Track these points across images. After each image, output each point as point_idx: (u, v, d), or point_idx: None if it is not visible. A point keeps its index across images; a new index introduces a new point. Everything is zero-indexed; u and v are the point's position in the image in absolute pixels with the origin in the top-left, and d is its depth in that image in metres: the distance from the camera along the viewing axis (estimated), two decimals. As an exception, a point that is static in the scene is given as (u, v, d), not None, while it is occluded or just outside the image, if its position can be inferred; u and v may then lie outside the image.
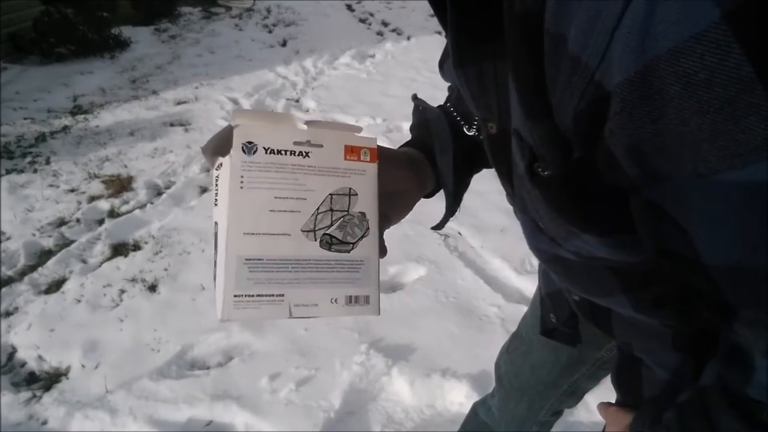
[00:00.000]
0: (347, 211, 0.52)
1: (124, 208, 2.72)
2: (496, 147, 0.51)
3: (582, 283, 0.57)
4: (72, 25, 4.90)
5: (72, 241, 2.47)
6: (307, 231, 0.50)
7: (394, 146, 0.65)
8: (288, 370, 1.73)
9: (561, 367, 0.86)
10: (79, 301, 2.11)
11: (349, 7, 6.51)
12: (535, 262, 2.12)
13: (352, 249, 0.52)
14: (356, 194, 0.53)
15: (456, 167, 0.64)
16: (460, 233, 2.33)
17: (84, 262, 2.34)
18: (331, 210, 0.51)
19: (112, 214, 2.68)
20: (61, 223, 2.63)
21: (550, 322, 0.78)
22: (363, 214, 0.53)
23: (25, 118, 3.79)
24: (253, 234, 0.47)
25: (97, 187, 2.92)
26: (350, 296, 0.51)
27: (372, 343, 1.80)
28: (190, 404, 1.65)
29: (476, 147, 0.66)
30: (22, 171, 3.11)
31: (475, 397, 1.52)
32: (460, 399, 1.57)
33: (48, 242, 2.47)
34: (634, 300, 0.53)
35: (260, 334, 1.87)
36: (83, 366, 1.83)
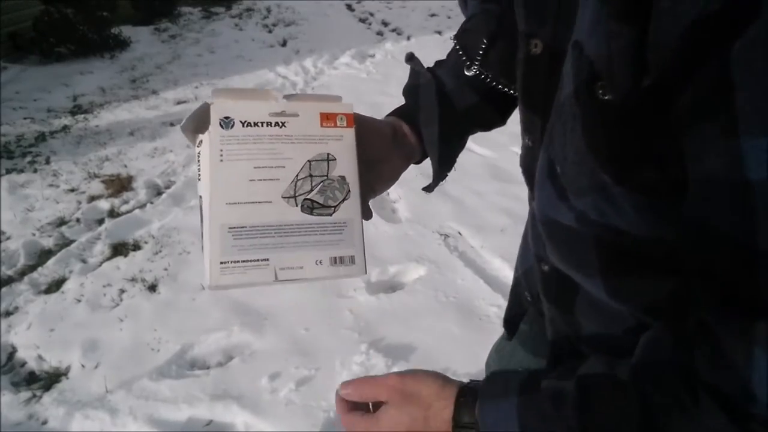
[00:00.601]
0: (326, 175, 0.53)
1: (124, 208, 2.72)
2: (534, 69, 0.46)
3: (563, 253, 0.51)
4: (72, 25, 4.90)
5: (72, 241, 2.47)
6: (288, 197, 0.51)
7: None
8: (288, 370, 1.73)
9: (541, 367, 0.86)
10: (79, 300, 2.11)
11: (349, 7, 6.51)
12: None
13: (334, 212, 0.53)
14: (334, 159, 0.54)
15: (441, 139, 0.63)
16: (460, 233, 2.33)
17: (84, 261, 2.34)
18: (311, 176, 0.52)
19: (112, 213, 2.68)
20: (61, 222, 2.63)
21: (525, 302, 0.73)
22: (343, 177, 0.54)
23: (25, 118, 3.79)
24: (235, 203, 0.49)
25: (97, 186, 2.92)
26: (335, 257, 0.52)
27: (372, 343, 1.80)
28: (190, 404, 1.65)
29: (465, 115, 0.65)
30: (22, 171, 3.11)
31: (475, 397, 1.52)
32: (460, 399, 1.57)
33: (48, 242, 2.47)
34: (612, 286, 0.48)
35: (260, 334, 1.87)
36: (83, 366, 1.83)
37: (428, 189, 0.69)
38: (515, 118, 0.67)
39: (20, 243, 2.44)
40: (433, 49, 0.63)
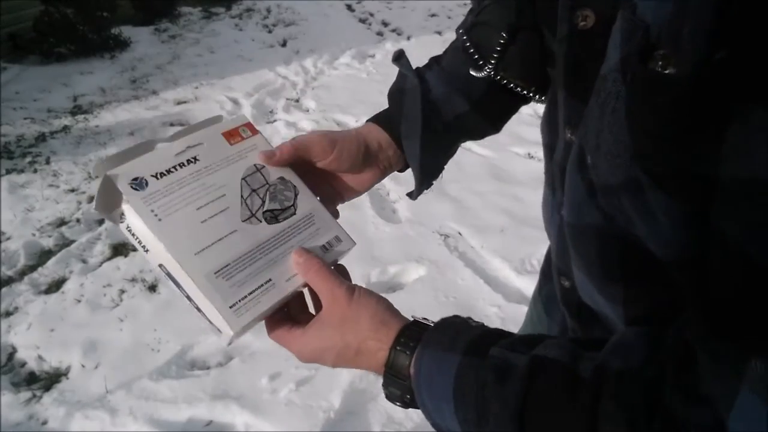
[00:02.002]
0: (267, 183, 0.53)
1: (124, 208, 2.72)
2: (584, 47, 0.39)
3: (586, 261, 0.44)
4: (72, 25, 4.90)
5: (72, 241, 2.47)
6: (248, 218, 0.50)
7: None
8: (288, 370, 1.73)
9: None
10: (79, 301, 2.11)
11: (349, 7, 6.50)
12: (535, 262, 2.12)
13: (296, 210, 0.53)
14: (263, 166, 0.54)
15: (423, 151, 0.59)
16: (460, 233, 2.33)
17: (84, 262, 2.34)
18: (253, 191, 0.52)
19: (112, 214, 2.68)
20: (61, 223, 2.63)
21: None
22: (282, 178, 0.54)
23: (25, 118, 3.79)
24: (202, 250, 0.46)
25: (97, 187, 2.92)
26: (323, 245, 0.53)
27: (372, 343, 1.80)
28: (190, 404, 1.65)
29: (453, 125, 0.60)
30: (22, 171, 3.11)
31: (475, 397, 1.52)
32: (460, 399, 1.57)
33: (48, 242, 2.47)
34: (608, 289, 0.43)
35: (260, 334, 1.86)
36: (83, 366, 1.82)
37: (412, 196, 0.66)
38: (515, 118, 0.66)
39: (20, 243, 2.44)
40: (433, 49, 0.62)
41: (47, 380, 1.79)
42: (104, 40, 5.09)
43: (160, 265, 0.46)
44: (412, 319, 0.47)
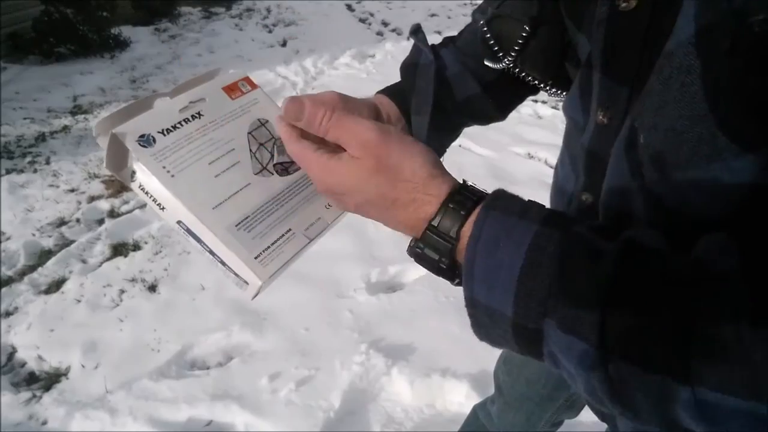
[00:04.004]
0: (273, 137, 0.52)
1: (124, 208, 2.72)
2: (626, 27, 0.38)
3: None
4: (72, 25, 4.90)
5: (72, 241, 2.47)
6: (260, 172, 0.50)
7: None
8: (288, 370, 1.73)
9: (555, 381, 0.84)
10: (79, 301, 2.11)
11: (349, 7, 6.50)
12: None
13: None
14: (267, 120, 0.53)
15: (432, 128, 0.57)
16: (460, 233, 2.33)
17: (84, 262, 2.34)
18: (261, 145, 0.52)
19: (112, 214, 2.68)
20: (61, 223, 2.63)
21: None
22: None
23: (25, 118, 3.79)
24: (219, 204, 0.46)
25: (97, 187, 2.92)
26: None
27: (372, 343, 1.80)
28: (190, 404, 1.65)
29: (464, 106, 0.60)
30: (22, 171, 3.11)
31: (475, 397, 1.52)
32: (459, 399, 1.57)
33: (48, 242, 2.47)
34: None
35: (260, 334, 1.87)
36: (83, 366, 1.82)
37: None
38: (515, 118, 0.67)
39: (20, 243, 2.44)
40: (433, 50, 0.61)
41: (47, 380, 1.79)
42: (104, 40, 5.09)
43: (179, 222, 0.46)
44: (462, 181, 0.42)
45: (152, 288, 2.15)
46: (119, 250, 2.40)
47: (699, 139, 0.31)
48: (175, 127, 0.47)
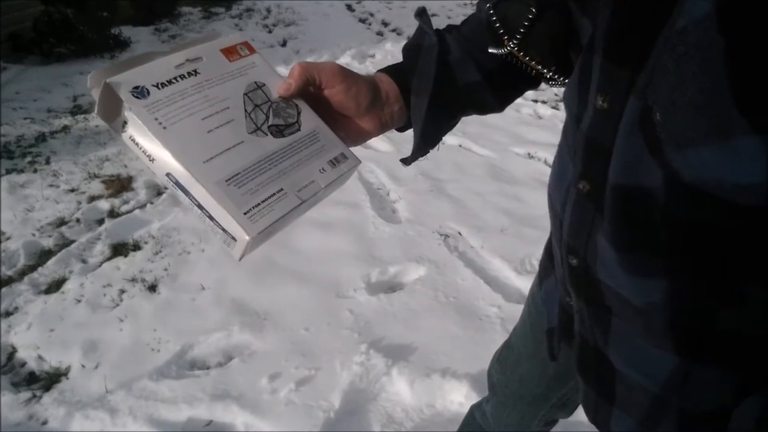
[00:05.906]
0: (269, 100, 0.53)
1: (124, 208, 2.72)
2: (628, 8, 0.39)
3: (623, 229, 0.43)
4: (72, 25, 4.90)
5: (72, 241, 2.47)
6: (254, 131, 0.50)
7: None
8: (288, 370, 1.73)
9: (549, 380, 0.84)
10: (79, 301, 2.11)
11: (349, 7, 6.50)
12: (535, 262, 2.12)
13: (300, 126, 0.53)
14: (264, 84, 0.53)
15: (429, 111, 0.57)
16: (460, 233, 2.33)
17: (84, 262, 2.34)
18: (257, 106, 0.52)
19: (112, 214, 2.68)
20: (61, 223, 2.63)
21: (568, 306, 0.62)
22: (284, 97, 0.54)
23: (25, 118, 3.79)
24: (211, 158, 0.46)
25: (97, 187, 2.92)
26: (330, 160, 0.53)
27: (372, 343, 1.80)
28: (190, 404, 1.65)
29: (463, 92, 0.60)
30: (22, 171, 3.10)
31: (475, 397, 1.52)
32: (459, 399, 1.57)
33: (48, 242, 2.47)
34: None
35: (260, 334, 1.87)
36: (83, 366, 1.82)
37: (406, 162, 0.64)
38: (516, 118, 0.67)
39: (20, 243, 2.44)
40: (433, 50, 0.61)
41: (47, 380, 1.79)
42: (104, 40, 5.09)
43: (168, 174, 0.45)
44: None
45: (152, 288, 2.15)
46: (119, 250, 2.40)
47: (719, 115, 0.32)
48: (170, 82, 0.47)
